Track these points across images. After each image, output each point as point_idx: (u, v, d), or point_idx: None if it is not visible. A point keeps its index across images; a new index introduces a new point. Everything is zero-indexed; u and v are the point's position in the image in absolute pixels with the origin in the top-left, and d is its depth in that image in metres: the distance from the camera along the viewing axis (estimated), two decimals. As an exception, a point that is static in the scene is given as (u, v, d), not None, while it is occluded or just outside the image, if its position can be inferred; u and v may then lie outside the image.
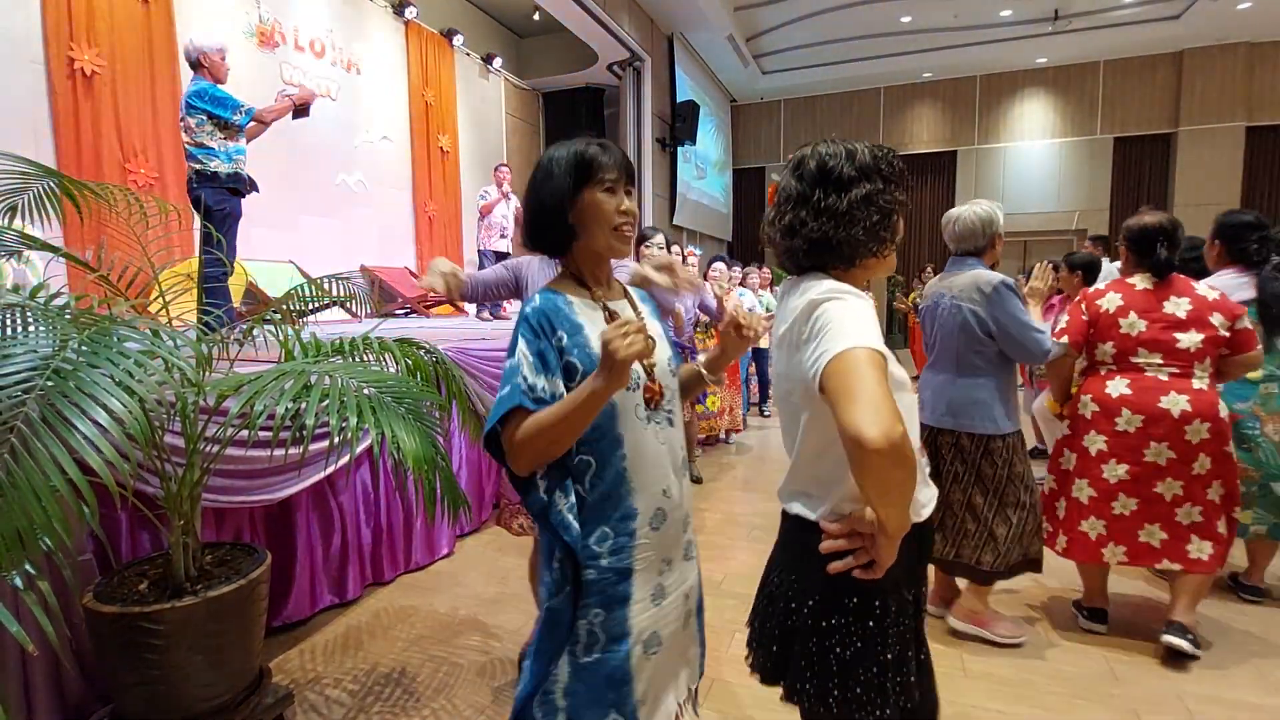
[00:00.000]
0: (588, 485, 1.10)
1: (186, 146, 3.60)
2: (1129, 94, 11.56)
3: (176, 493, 1.67)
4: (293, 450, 2.04)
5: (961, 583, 2.46)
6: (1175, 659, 2.21)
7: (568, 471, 1.10)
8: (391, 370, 1.92)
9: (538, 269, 2.14)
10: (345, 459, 2.46)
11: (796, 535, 1.10)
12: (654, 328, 1.22)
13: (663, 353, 1.20)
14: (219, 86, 3.63)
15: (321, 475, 2.46)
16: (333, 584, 2.60)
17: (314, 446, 2.24)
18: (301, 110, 3.94)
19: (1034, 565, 2.34)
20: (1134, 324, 2.28)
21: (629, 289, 1.29)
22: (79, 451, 1.12)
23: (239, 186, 3.74)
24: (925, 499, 1.12)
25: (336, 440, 1.41)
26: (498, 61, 9.50)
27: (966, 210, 2.36)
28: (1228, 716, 1.97)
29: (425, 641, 2.40)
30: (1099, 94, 11.74)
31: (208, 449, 1.77)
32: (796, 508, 1.10)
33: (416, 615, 2.60)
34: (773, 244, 1.15)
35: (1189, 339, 2.21)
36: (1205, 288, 2.26)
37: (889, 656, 1.03)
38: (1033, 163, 12.17)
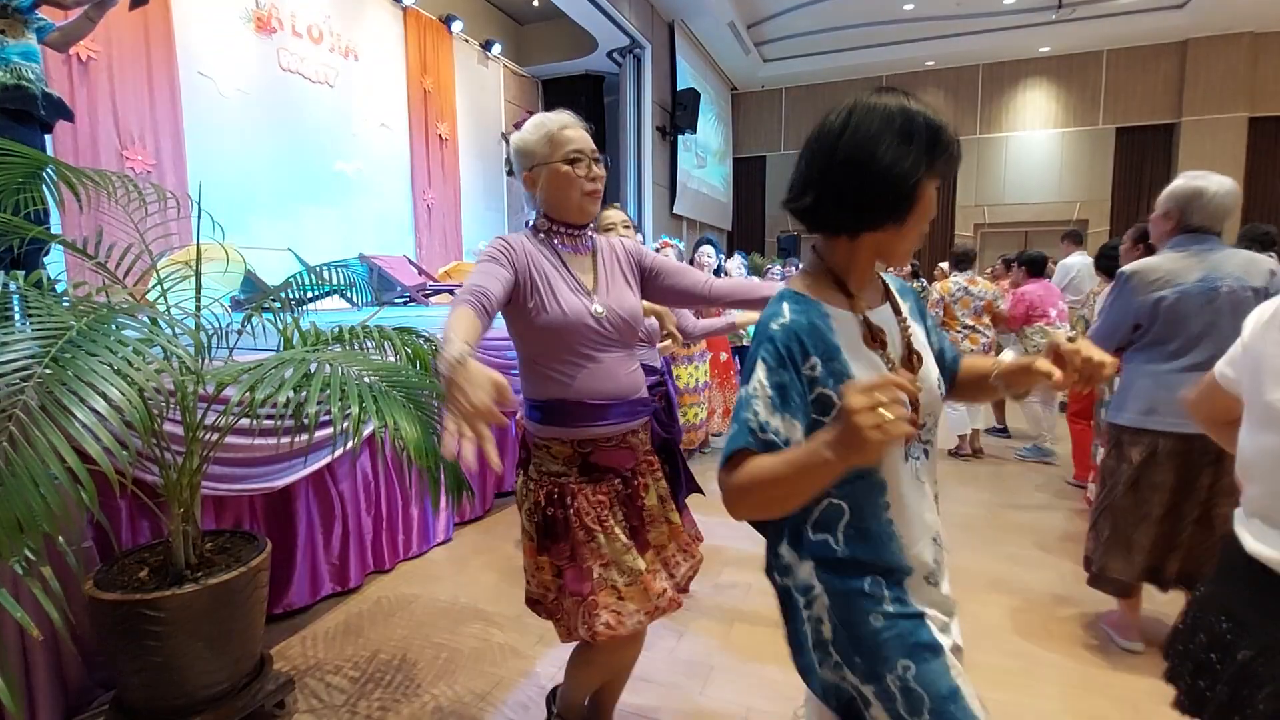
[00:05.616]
0: (841, 538, 0.92)
1: None
2: (1132, 84, 11.50)
3: (176, 480, 1.68)
4: (295, 439, 2.04)
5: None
6: None
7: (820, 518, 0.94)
8: (391, 359, 1.92)
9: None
10: (345, 447, 2.45)
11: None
12: (918, 334, 1.00)
13: (930, 373, 0.98)
14: None
15: (321, 464, 2.46)
16: (334, 572, 2.61)
17: (314, 435, 2.24)
18: None
19: None
20: None
21: (888, 282, 1.04)
22: (78, 440, 1.12)
23: (30, 109, 2.36)
24: None
25: (337, 429, 1.40)
26: (497, 48, 9.42)
27: (1215, 183, 2.03)
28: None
29: (426, 629, 2.41)
30: (1102, 83, 11.68)
31: (207, 437, 1.76)
32: None
33: (417, 602, 2.61)
34: None
35: None
36: None
37: None
38: (1034, 152, 12.13)
